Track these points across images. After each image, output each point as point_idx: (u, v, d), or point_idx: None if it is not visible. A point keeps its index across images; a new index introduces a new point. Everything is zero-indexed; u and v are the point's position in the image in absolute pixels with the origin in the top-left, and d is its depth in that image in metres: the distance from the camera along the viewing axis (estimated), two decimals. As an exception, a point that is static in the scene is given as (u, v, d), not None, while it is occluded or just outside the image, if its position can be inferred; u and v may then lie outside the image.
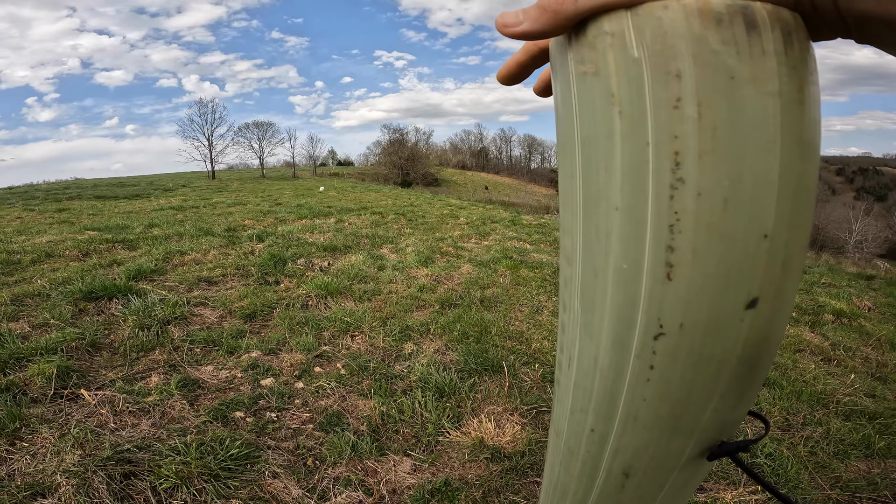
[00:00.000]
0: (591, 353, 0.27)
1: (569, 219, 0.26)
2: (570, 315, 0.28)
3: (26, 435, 1.67)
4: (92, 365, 2.25)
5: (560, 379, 0.32)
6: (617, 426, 0.28)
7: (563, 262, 0.28)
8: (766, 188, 0.20)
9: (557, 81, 0.25)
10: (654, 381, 0.24)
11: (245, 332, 2.76)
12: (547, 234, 6.99)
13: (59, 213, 8.43)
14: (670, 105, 0.19)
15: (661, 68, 0.19)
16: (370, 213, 8.75)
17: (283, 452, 1.74)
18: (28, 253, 4.22)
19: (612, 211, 0.22)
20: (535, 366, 2.51)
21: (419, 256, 4.79)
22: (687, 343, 0.23)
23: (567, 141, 0.25)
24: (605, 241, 0.23)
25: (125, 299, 3.00)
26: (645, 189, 0.21)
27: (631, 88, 0.20)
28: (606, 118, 0.21)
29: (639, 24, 0.19)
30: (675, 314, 0.22)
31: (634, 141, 0.21)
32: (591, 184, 0.23)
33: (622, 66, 0.20)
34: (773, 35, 0.19)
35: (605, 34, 0.21)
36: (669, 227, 0.21)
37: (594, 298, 0.25)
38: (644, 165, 0.21)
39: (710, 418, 0.26)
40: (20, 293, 3.06)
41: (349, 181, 31.14)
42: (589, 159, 0.23)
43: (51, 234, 5.44)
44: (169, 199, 12.84)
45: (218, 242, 5.02)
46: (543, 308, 3.46)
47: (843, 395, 2.38)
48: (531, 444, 1.85)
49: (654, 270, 0.22)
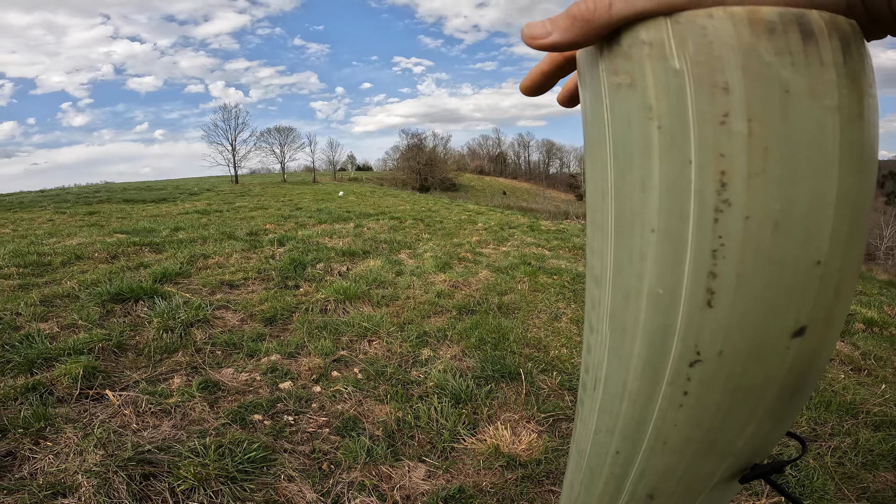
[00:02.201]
0: (620, 376, 0.26)
1: (598, 239, 0.25)
2: (598, 337, 0.27)
3: (51, 434, 1.72)
4: (117, 366, 2.31)
5: (584, 399, 0.31)
6: (644, 449, 0.27)
7: (590, 282, 0.27)
8: (821, 212, 0.18)
9: (587, 93, 0.24)
10: (688, 407, 0.23)
11: (265, 336, 2.80)
12: (566, 241, 6.92)
13: (89, 216, 8.73)
14: (716, 120, 0.18)
15: (706, 80, 0.18)
16: (388, 218, 8.81)
17: (299, 456, 1.75)
18: (59, 255, 4.37)
19: (648, 233, 0.21)
20: (553, 373, 2.48)
21: (437, 262, 4.79)
22: (726, 371, 0.21)
23: (597, 157, 0.23)
24: (638, 265, 0.22)
25: (151, 301, 3.07)
26: (686, 211, 0.19)
27: (671, 102, 0.19)
28: (643, 133, 0.20)
29: (680, 32, 0.18)
30: (715, 342, 0.21)
31: (675, 158, 0.19)
32: (624, 203, 0.22)
33: (661, 77, 0.19)
34: (832, 44, 0.17)
35: (642, 43, 0.19)
36: (712, 252, 0.19)
37: (625, 322, 0.24)
38: (685, 185, 0.19)
39: (746, 443, 0.25)
40: (50, 294, 3.17)
41: (368, 186, 31.46)
42: (623, 177, 0.22)
43: (81, 237, 5.63)
44: (194, 202, 13.16)
45: (240, 246, 5.11)
46: (562, 315, 3.42)
47: (873, 405, 2.29)
48: (547, 452, 1.83)
49: (694, 297, 0.20)
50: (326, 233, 6.53)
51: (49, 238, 5.63)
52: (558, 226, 9.53)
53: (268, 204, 12.63)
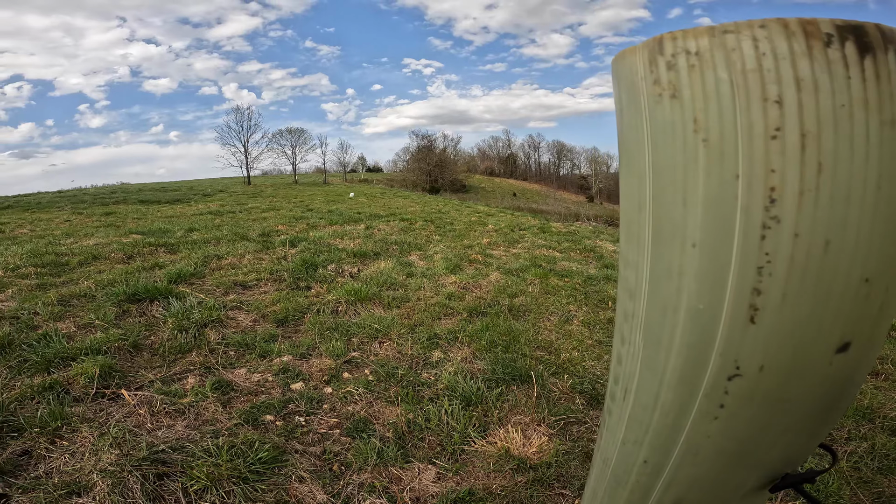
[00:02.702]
0: (653, 388, 0.26)
1: (633, 252, 0.25)
2: (630, 349, 0.27)
3: (67, 434, 1.74)
4: (133, 365, 2.35)
5: (612, 409, 0.31)
6: (674, 459, 0.27)
7: (623, 295, 0.27)
8: (872, 228, 0.18)
9: (623, 102, 0.23)
10: (723, 419, 0.23)
11: (277, 337, 2.82)
12: (577, 242, 6.87)
13: (106, 217, 8.88)
14: (767, 135, 0.17)
15: (756, 93, 0.17)
16: (399, 220, 8.83)
17: (310, 457, 1.76)
18: (76, 255, 4.45)
19: (689, 248, 0.21)
20: (564, 376, 2.46)
21: (447, 264, 4.79)
22: (765, 385, 0.21)
23: (634, 169, 0.23)
24: (677, 279, 0.22)
25: (166, 302, 3.11)
26: (730, 227, 0.19)
27: (718, 114, 0.18)
28: (687, 147, 0.19)
29: (729, 43, 0.17)
30: (755, 357, 0.21)
31: (721, 173, 0.19)
32: (664, 217, 0.21)
33: (708, 89, 0.18)
34: (889, 57, 0.17)
35: (687, 53, 0.18)
36: (758, 269, 0.19)
37: (660, 335, 0.24)
38: (731, 201, 0.19)
39: (779, 454, 0.25)
40: (67, 294, 3.23)
41: (378, 187, 31.58)
42: (663, 190, 0.21)
43: (97, 237, 5.73)
44: (207, 203, 13.33)
45: (253, 247, 5.16)
46: (573, 318, 3.40)
47: (890, 409, 2.25)
48: (558, 455, 1.81)
49: (736, 313, 0.20)
50: (337, 234, 6.57)
51: (66, 238, 5.74)
52: (569, 227, 9.47)
53: (279, 205, 12.74)
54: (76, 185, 25.73)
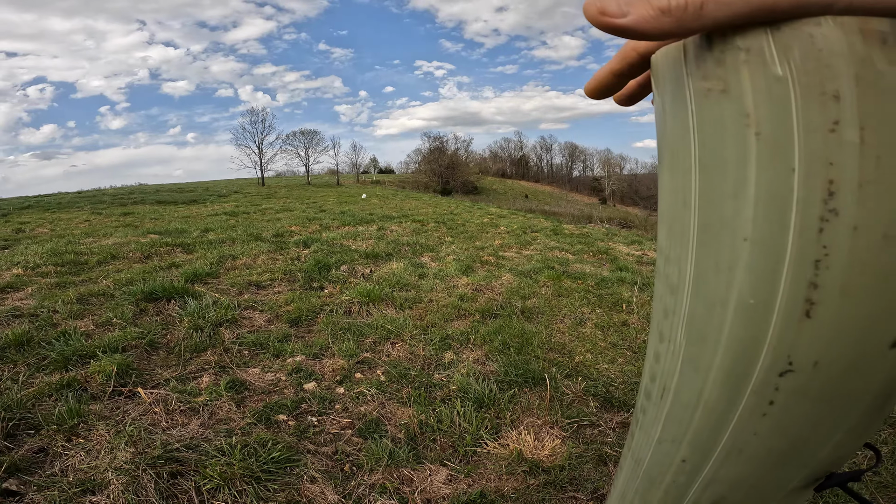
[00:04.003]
0: (696, 385, 0.25)
1: (677, 248, 0.24)
2: (670, 346, 0.27)
3: (83, 431, 1.77)
4: (149, 364, 2.38)
5: (647, 408, 0.31)
6: (716, 458, 0.26)
7: (664, 291, 0.27)
8: None
9: (666, 97, 0.23)
10: (772, 416, 0.23)
11: (290, 337, 2.84)
12: (590, 245, 6.81)
13: (124, 217, 9.05)
14: (825, 128, 0.17)
15: (814, 89, 0.17)
16: (411, 221, 8.85)
17: (322, 457, 1.76)
18: (95, 254, 4.54)
19: (740, 242, 0.20)
20: (578, 379, 2.43)
21: (459, 265, 4.78)
22: (819, 381, 0.21)
23: (679, 164, 0.23)
24: (726, 274, 0.22)
25: (182, 301, 3.16)
26: (786, 220, 0.19)
27: (773, 109, 0.18)
28: (738, 141, 0.19)
29: (784, 40, 0.18)
30: (810, 352, 0.20)
31: (776, 167, 0.19)
32: (712, 212, 0.21)
33: (761, 84, 0.18)
34: None
35: (738, 49, 0.19)
36: (815, 262, 0.19)
37: (706, 332, 0.24)
38: (787, 194, 0.19)
39: (829, 453, 0.25)
40: (86, 292, 3.29)
41: (390, 189, 31.71)
42: (711, 185, 0.21)
43: (116, 237, 5.84)
44: (223, 204, 13.51)
45: (267, 248, 5.21)
46: (586, 320, 3.36)
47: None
48: (571, 458, 1.79)
49: (790, 307, 0.20)
50: (350, 235, 6.60)
51: (86, 238, 5.86)
52: (581, 229, 9.40)
53: (293, 206, 12.86)
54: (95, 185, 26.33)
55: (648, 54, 0.26)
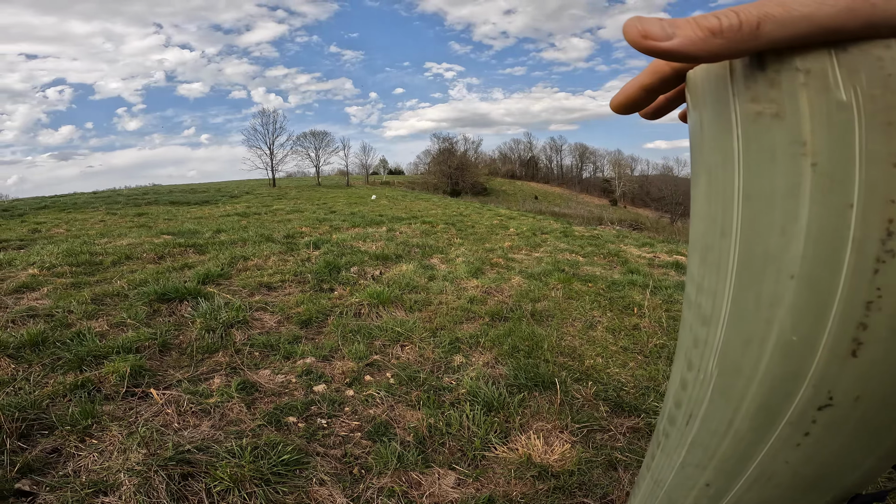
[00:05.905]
0: (726, 415, 0.25)
1: (711, 278, 0.23)
2: (699, 375, 0.26)
3: (97, 432, 1.79)
4: (162, 364, 2.40)
5: (671, 433, 0.30)
6: (742, 484, 0.26)
7: (694, 320, 0.26)
8: None
9: (705, 117, 0.22)
10: (806, 446, 0.22)
11: (301, 338, 2.85)
12: (600, 247, 6.76)
13: (138, 218, 9.18)
14: (889, 162, 0.16)
15: (880, 117, 0.16)
16: (420, 223, 8.86)
17: (331, 460, 1.76)
18: (109, 255, 4.60)
19: (786, 279, 0.19)
20: (588, 383, 2.41)
21: (469, 267, 4.77)
22: (858, 414, 0.20)
23: (718, 190, 0.21)
24: (767, 310, 0.20)
25: (195, 302, 3.19)
26: (839, 259, 0.18)
27: (833, 138, 0.17)
28: (791, 170, 0.18)
29: (850, 62, 0.16)
30: (853, 389, 0.20)
31: (831, 201, 0.17)
32: (755, 245, 0.20)
33: (822, 110, 0.17)
34: None
35: (796, 70, 0.17)
36: (866, 303, 0.18)
37: (740, 365, 0.23)
38: (843, 232, 0.17)
39: (858, 478, 0.24)
40: (100, 293, 3.33)
41: (399, 190, 31.78)
42: (756, 217, 0.20)
43: (130, 238, 5.92)
44: (234, 205, 13.64)
45: (277, 249, 5.25)
46: (597, 324, 3.33)
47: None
48: (580, 463, 1.78)
49: (837, 346, 0.19)
50: (360, 236, 6.62)
51: (101, 238, 5.94)
52: (592, 231, 9.34)
53: (303, 207, 12.94)
54: (111, 186, 26.77)
55: (684, 70, 0.24)
